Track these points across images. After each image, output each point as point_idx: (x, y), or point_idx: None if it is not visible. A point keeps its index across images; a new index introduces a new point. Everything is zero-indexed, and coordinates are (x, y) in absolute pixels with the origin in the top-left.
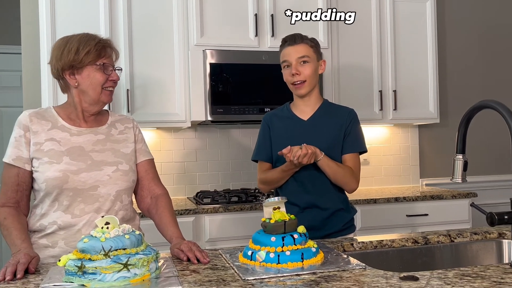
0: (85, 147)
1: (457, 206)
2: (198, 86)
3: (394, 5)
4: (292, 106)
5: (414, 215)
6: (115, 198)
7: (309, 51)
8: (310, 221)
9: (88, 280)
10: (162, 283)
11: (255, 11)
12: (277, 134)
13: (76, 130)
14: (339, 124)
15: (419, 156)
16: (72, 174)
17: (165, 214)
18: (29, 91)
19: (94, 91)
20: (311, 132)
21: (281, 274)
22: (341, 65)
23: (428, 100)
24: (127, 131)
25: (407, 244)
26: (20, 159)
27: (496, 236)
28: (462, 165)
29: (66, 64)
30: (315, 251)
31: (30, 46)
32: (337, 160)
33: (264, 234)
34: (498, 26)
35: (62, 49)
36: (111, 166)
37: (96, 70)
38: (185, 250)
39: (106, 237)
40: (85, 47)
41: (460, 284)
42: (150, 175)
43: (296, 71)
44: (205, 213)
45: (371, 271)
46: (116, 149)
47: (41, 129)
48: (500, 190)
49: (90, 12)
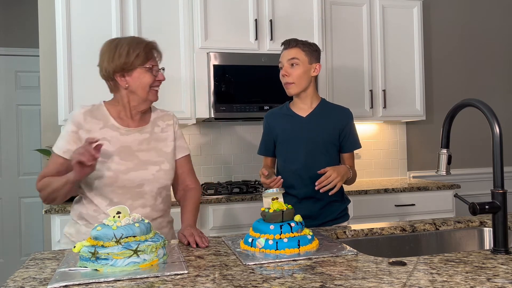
0: (132, 147)
1: (442, 197)
2: (202, 85)
3: (383, 11)
4: (291, 105)
5: (402, 205)
6: (157, 194)
7: (300, 54)
8: (307, 210)
9: (101, 265)
10: (169, 267)
11: (255, 16)
12: (279, 130)
13: (124, 130)
14: (336, 123)
15: (406, 151)
16: (121, 174)
17: (188, 204)
18: (46, 90)
19: (143, 91)
20: (309, 128)
21: (279, 260)
22: (335, 66)
23: (415, 98)
24: (168, 129)
25: (396, 232)
26: (69, 152)
27: (477, 224)
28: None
29: (118, 66)
30: (310, 238)
31: (48, 49)
32: (331, 153)
33: (263, 223)
34: (480, 29)
35: (113, 52)
36: (154, 165)
37: (145, 71)
38: (187, 235)
39: (118, 226)
40: (135, 50)
41: (445, 269)
42: (186, 170)
43: (285, 73)
44: (209, 203)
45: (362, 257)
46: (159, 148)
47: (94, 128)
48: (481, 182)
49: (103, 18)
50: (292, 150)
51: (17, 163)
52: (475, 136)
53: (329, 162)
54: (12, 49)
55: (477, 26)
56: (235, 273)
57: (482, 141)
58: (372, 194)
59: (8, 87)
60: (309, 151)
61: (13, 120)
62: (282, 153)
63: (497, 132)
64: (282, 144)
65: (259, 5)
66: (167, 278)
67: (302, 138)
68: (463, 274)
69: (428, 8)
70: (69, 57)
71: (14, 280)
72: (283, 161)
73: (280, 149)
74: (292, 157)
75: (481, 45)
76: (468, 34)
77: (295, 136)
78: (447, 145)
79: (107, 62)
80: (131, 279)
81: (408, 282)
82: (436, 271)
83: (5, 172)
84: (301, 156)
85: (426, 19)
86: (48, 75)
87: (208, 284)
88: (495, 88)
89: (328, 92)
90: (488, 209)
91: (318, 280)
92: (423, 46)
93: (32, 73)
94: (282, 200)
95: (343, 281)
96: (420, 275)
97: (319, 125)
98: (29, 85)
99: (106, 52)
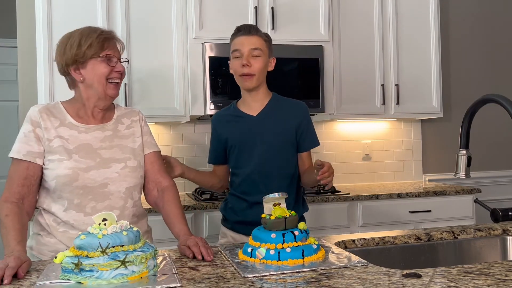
0: (93, 145)
1: (461, 202)
2: (197, 80)
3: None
4: (240, 104)
5: (417, 211)
6: (126, 195)
7: (262, 44)
8: (258, 217)
9: (85, 277)
10: (161, 280)
11: (255, 3)
12: (228, 134)
13: (84, 128)
14: (291, 119)
15: (422, 151)
16: (81, 172)
17: (172, 209)
18: (25, 85)
19: (99, 83)
20: (261, 128)
21: (282, 271)
22: (342, 59)
23: (431, 94)
24: (133, 125)
25: (410, 241)
26: (30, 154)
27: (500, 232)
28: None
29: (69, 59)
30: (316, 248)
31: (27, 39)
32: (288, 154)
33: (264, 231)
34: (502, 20)
35: (65, 45)
36: (119, 163)
37: (100, 62)
38: (191, 245)
39: (104, 234)
40: (87, 40)
41: (464, 282)
42: (156, 167)
43: (247, 62)
44: (204, 210)
45: (373, 268)
46: (124, 145)
47: (50, 126)
48: (504, 186)
49: (88, 4)
50: (243, 154)
51: None
52: (497, 136)
53: (285, 164)
54: None
55: (499, 14)
56: (233, 287)
57: (505, 141)
58: (383, 199)
59: None
60: (262, 153)
61: None
62: (233, 158)
63: None
64: (232, 149)
65: None
66: None
67: (254, 140)
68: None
69: None
70: (50, 48)
71: None
72: (235, 166)
73: (231, 154)
74: (243, 161)
75: (504, 35)
76: (489, 24)
77: (246, 138)
78: (467, 146)
79: (59, 55)
80: None
81: None
82: (454, 284)
83: None
84: (253, 160)
85: (443, 7)
86: (27, 68)
87: None
88: None
89: (335, 87)
90: None
91: None
92: (440, 37)
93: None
94: (284, 205)
95: None
96: None
97: (272, 123)
98: (5, 79)
99: (59, 45)
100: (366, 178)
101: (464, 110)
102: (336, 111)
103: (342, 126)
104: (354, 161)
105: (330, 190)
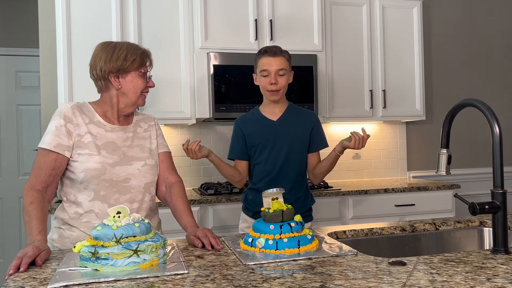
0: (117, 143)
1: (442, 197)
2: (202, 86)
3: (383, 11)
4: (262, 109)
5: (402, 205)
6: (145, 190)
7: (286, 64)
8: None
9: (101, 265)
10: (170, 267)
11: (255, 16)
12: (252, 135)
13: (110, 127)
14: (305, 125)
15: (406, 151)
16: (109, 167)
17: (179, 203)
18: (46, 90)
19: (135, 94)
20: (281, 131)
21: (279, 260)
22: (335, 67)
23: (415, 98)
24: (150, 129)
25: (396, 232)
26: (60, 146)
27: (477, 224)
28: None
29: (114, 67)
30: (310, 238)
31: (48, 49)
32: (302, 154)
33: (263, 223)
34: (480, 29)
35: (111, 54)
36: (139, 161)
37: (139, 76)
38: (201, 237)
39: (118, 225)
40: (132, 55)
41: (444, 269)
42: (165, 165)
43: (275, 81)
44: (209, 203)
45: (362, 257)
46: (143, 145)
47: (81, 122)
48: (481, 182)
49: (103, 18)
50: (265, 154)
51: (17, 163)
52: (475, 136)
53: (299, 162)
54: (12, 49)
55: (477, 26)
56: (235, 273)
57: (482, 141)
58: (372, 194)
59: (8, 87)
60: (282, 153)
61: (13, 120)
62: (255, 156)
63: (497, 132)
64: (254, 148)
65: (259, 5)
66: (167, 278)
67: (275, 141)
68: (463, 274)
69: (428, 8)
70: (69, 57)
71: (14, 280)
72: (257, 164)
73: (254, 152)
74: (265, 160)
75: (481, 45)
76: (468, 34)
77: (268, 139)
78: (447, 145)
79: (104, 62)
80: (131, 279)
81: (408, 282)
82: (436, 271)
83: (5, 172)
84: (274, 159)
85: (426, 19)
86: (48, 75)
87: (208, 284)
88: (495, 88)
89: (328, 93)
90: (488, 209)
91: (318, 280)
92: (423, 46)
93: (32, 73)
94: (282, 200)
95: (343, 281)
96: (420, 275)
97: (289, 127)
98: (29, 85)
99: (103, 53)
100: (356, 175)
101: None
102: (329, 114)
103: (334, 127)
104: (345, 159)
105: (323, 186)
